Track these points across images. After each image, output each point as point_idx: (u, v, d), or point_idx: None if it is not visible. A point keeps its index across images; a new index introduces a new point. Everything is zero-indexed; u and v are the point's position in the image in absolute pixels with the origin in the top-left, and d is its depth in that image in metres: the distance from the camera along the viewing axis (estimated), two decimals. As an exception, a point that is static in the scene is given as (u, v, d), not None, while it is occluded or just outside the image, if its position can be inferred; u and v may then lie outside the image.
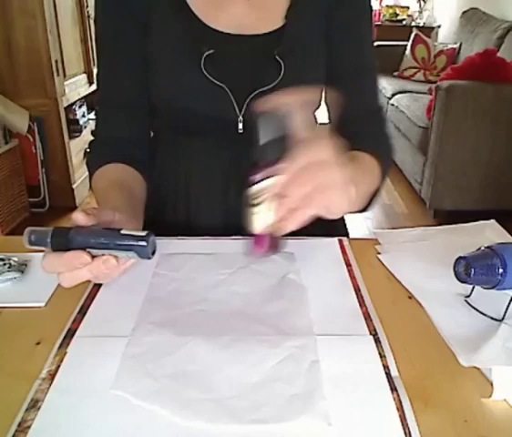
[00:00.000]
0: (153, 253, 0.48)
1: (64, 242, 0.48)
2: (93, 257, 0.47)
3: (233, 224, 0.75)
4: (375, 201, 0.74)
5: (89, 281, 0.57)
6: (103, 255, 0.47)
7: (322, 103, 0.82)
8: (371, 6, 0.79)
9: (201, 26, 0.72)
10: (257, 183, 0.51)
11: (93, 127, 0.79)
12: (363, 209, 0.73)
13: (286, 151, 0.48)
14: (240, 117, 0.73)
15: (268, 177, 0.50)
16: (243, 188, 0.54)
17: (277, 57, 0.71)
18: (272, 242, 0.53)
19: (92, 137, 0.79)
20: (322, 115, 0.82)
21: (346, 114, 0.78)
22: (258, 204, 0.51)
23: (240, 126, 0.73)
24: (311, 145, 0.48)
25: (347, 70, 0.77)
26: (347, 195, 0.50)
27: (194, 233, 0.72)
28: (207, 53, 0.70)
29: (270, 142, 0.50)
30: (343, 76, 0.77)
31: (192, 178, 0.78)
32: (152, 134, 0.83)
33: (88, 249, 0.47)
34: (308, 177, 0.47)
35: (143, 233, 0.48)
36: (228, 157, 0.75)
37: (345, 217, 0.88)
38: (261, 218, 0.51)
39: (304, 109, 0.50)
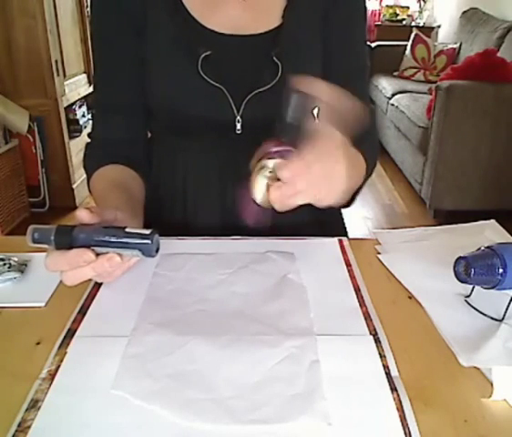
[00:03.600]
0: (157, 251, 0.49)
1: (67, 240, 0.48)
2: (97, 255, 0.47)
3: (230, 224, 0.75)
4: (355, 199, 0.74)
5: (89, 281, 0.58)
6: (107, 253, 0.48)
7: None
8: (365, 6, 0.78)
9: (198, 27, 0.72)
10: (269, 156, 0.52)
11: (90, 129, 0.79)
12: (345, 205, 0.73)
13: (303, 135, 0.50)
14: (238, 118, 0.72)
15: (280, 155, 0.51)
16: (240, 187, 0.54)
17: (275, 58, 0.70)
18: (259, 215, 0.54)
19: (88, 139, 0.78)
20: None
21: None
22: (261, 174, 0.52)
23: (239, 126, 0.73)
24: (323, 136, 0.51)
25: (341, 70, 0.76)
26: (340, 187, 0.54)
27: (191, 233, 0.72)
28: (203, 54, 0.69)
29: (295, 122, 0.52)
30: (337, 76, 0.77)
31: (190, 179, 0.77)
32: (150, 134, 0.83)
33: (92, 247, 0.47)
34: (312, 170, 0.50)
35: (147, 231, 0.48)
36: (225, 158, 0.75)
37: (344, 217, 0.88)
38: (259, 188, 0.53)
39: (328, 102, 0.52)
